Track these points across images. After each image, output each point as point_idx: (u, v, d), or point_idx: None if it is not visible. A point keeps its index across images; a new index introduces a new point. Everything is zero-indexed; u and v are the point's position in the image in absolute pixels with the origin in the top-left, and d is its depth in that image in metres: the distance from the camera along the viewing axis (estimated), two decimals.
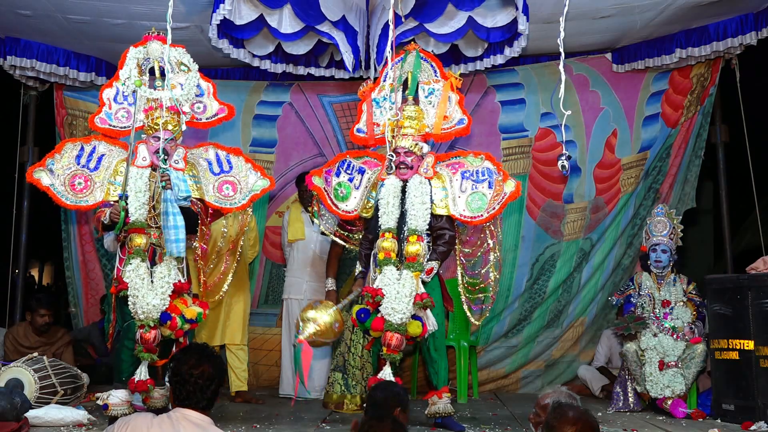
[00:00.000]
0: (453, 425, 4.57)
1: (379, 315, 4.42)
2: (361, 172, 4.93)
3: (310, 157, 6.90)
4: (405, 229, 4.59)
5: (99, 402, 4.57)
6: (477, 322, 4.95)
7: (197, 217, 4.71)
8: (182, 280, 4.49)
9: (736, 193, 6.87)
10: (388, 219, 4.61)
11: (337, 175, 4.95)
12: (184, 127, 4.62)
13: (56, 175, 4.53)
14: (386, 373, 4.42)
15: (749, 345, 4.74)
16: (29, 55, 6.16)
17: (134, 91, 4.58)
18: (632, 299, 5.55)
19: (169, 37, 4.36)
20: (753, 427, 4.56)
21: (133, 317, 4.38)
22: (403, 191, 4.65)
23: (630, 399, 5.42)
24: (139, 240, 4.42)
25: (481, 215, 4.63)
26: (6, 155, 7.06)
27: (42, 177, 4.52)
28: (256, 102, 6.90)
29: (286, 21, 5.25)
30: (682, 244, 5.78)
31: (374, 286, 4.47)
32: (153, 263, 4.45)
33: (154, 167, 4.54)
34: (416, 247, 4.51)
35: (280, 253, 6.64)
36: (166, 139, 4.50)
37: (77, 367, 5.39)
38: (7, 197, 6.84)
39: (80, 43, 6.16)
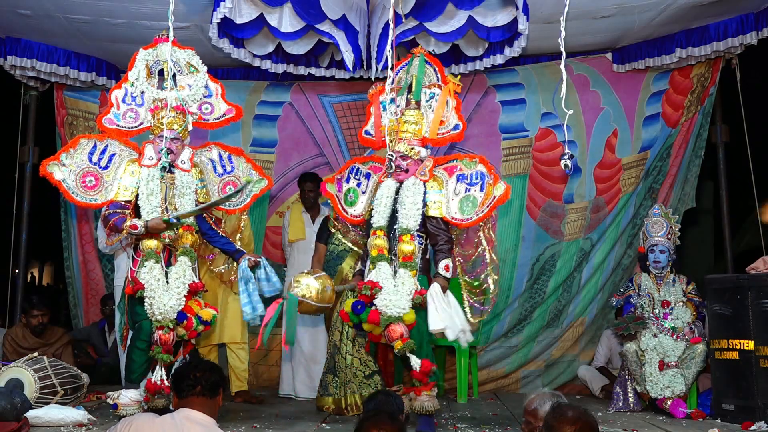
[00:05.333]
0: (425, 426, 4.44)
1: (374, 308, 4.42)
2: (368, 177, 4.96)
3: (310, 157, 6.91)
4: (396, 227, 4.60)
5: (109, 401, 4.60)
6: (475, 322, 4.94)
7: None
8: (196, 281, 4.51)
9: (736, 193, 6.87)
10: (379, 218, 4.65)
11: (347, 181, 5.01)
12: (190, 127, 4.63)
13: (69, 170, 4.53)
14: (415, 363, 4.38)
15: (749, 345, 4.74)
16: (29, 55, 6.16)
17: (143, 92, 4.59)
18: (632, 300, 5.55)
19: (171, 34, 4.36)
20: (753, 427, 4.56)
21: (144, 318, 4.41)
22: (398, 192, 4.66)
23: (630, 399, 5.41)
24: (151, 243, 4.45)
25: (471, 218, 4.63)
26: (6, 155, 7.07)
27: (55, 171, 4.51)
28: (256, 102, 6.91)
29: (286, 20, 5.25)
30: (682, 244, 5.77)
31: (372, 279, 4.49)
32: (168, 264, 4.48)
33: (169, 169, 4.56)
34: (411, 247, 4.53)
35: (281, 253, 6.64)
36: (170, 138, 4.51)
37: (77, 367, 5.39)
38: (7, 197, 6.84)
39: (80, 43, 6.16)
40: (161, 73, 4.64)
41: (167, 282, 4.40)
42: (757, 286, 4.77)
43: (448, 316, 4.48)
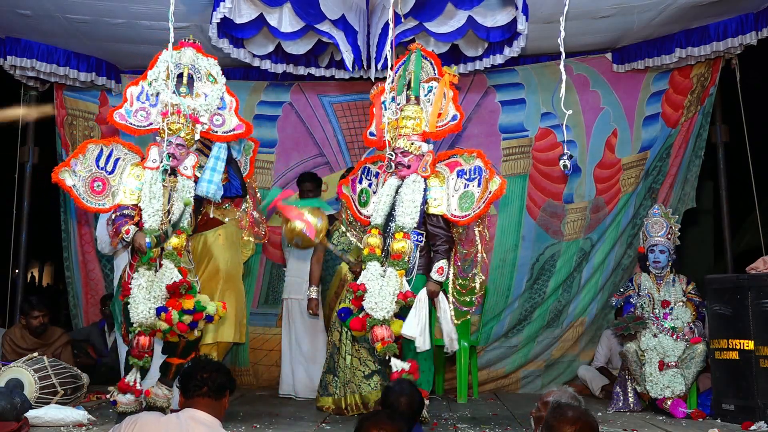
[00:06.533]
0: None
1: (360, 315, 4.43)
2: (377, 176, 4.98)
3: (310, 157, 6.91)
4: (392, 225, 4.60)
5: (109, 397, 4.62)
6: (457, 321, 4.92)
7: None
8: (177, 279, 4.44)
9: (736, 193, 6.87)
10: (376, 216, 4.67)
11: (360, 182, 5.04)
12: (197, 136, 4.63)
13: (78, 176, 4.57)
14: (397, 365, 4.39)
15: (749, 345, 4.74)
16: (29, 55, 6.16)
17: (157, 94, 4.60)
18: (632, 300, 5.55)
19: (171, 35, 4.36)
20: (753, 427, 4.56)
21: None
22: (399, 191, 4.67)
23: (630, 399, 5.42)
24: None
25: (468, 214, 4.64)
26: (6, 155, 7.07)
27: (66, 178, 4.56)
28: (256, 102, 6.91)
29: (285, 20, 5.26)
30: (682, 244, 5.77)
31: (358, 282, 4.51)
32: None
33: (171, 172, 4.57)
34: (401, 245, 4.53)
35: (280, 253, 6.64)
36: (176, 144, 4.51)
37: (77, 367, 5.39)
38: (7, 197, 6.85)
39: (80, 43, 6.16)
40: (180, 77, 4.65)
41: (153, 286, 4.39)
42: (757, 286, 4.77)
43: (422, 326, 4.46)
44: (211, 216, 5.17)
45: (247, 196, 4.98)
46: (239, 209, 5.09)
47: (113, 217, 4.56)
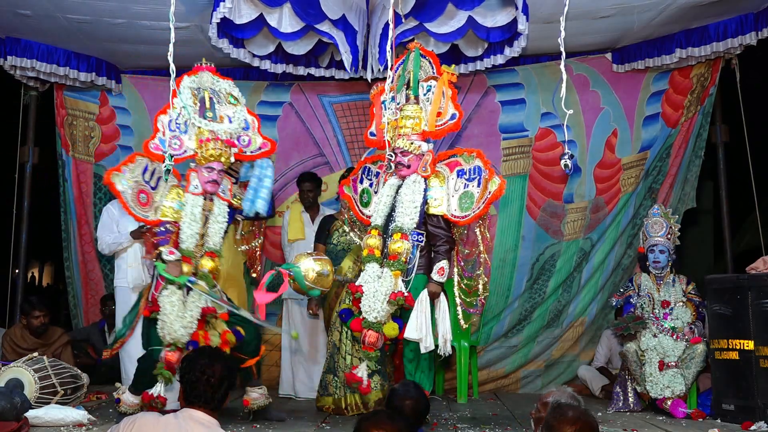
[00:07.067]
0: None
1: (361, 316, 4.45)
2: (378, 176, 4.99)
3: (310, 157, 6.91)
4: (391, 226, 4.61)
5: (114, 394, 4.66)
6: (465, 325, 4.93)
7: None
8: (209, 305, 4.50)
9: (736, 193, 6.87)
10: (376, 216, 4.69)
11: (361, 182, 5.06)
12: (233, 159, 4.69)
13: (128, 183, 4.64)
14: (361, 370, 4.48)
15: (749, 345, 4.74)
16: (29, 56, 6.17)
17: (186, 121, 4.63)
18: (632, 300, 5.55)
19: (173, 36, 4.36)
20: (753, 427, 4.56)
21: (158, 344, 4.43)
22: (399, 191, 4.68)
23: (630, 399, 5.42)
24: (184, 269, 4.49)
25: (468, 215, 4.64)
26: (6, 155, 7.07)
27: (116, 182, 4.62)
28: (256, 102, 6.90)
29: (285, 20, 5.27)
30: (682, 244, 5.77)
31: (357, 283, 4.53)
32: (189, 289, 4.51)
33: (206, 196, 4.64)
34: (398, 245, 4.53)
35: (280, 253, 6.64)
36: (217, 170, 4.60)
37: (77, 367, 5.39)
38: (7, 197, 6.85)
39: (80, 43, 6.16)
40: (203, 101, 4.69)
41: (184, 305, 4.42)
42: (757, 286, 4.77)
43: (425, 329, 4.47)
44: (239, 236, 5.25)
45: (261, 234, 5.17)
46: (253, 241, 5.23)
47: (155, 230, 4.64)
